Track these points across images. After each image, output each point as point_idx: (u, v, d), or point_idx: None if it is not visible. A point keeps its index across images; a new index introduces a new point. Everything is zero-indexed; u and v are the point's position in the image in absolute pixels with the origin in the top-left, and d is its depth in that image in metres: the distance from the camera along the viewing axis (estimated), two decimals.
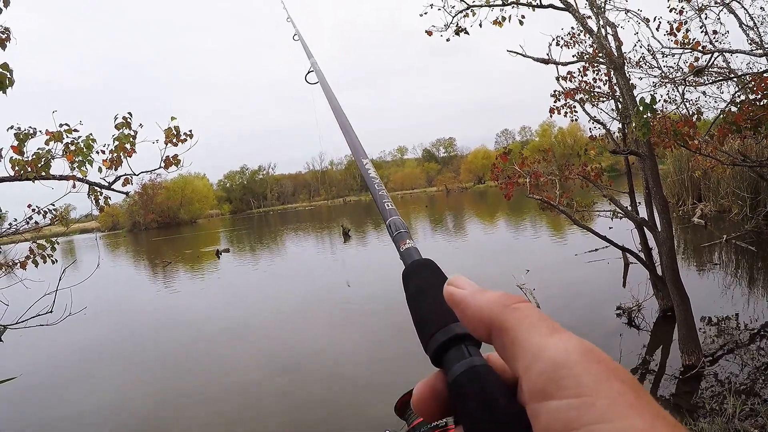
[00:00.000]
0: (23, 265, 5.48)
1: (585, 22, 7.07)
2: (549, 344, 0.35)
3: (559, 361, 0.33)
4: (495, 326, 0.39)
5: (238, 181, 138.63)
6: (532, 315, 0.38)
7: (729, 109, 7.05)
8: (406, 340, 8.51)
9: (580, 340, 0.35)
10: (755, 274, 11.26)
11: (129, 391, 8.67)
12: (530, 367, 0.35)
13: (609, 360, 0.33)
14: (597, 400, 0.31)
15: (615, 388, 0.32)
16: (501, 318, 0.38)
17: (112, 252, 43.88)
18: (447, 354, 0.41)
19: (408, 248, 0.55)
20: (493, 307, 0.39)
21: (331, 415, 6.80)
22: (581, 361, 0.33)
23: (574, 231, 17.19)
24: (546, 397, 0.33)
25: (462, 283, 0.43)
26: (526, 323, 0.37)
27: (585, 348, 0.34)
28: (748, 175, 16.07)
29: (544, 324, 0.37)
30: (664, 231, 6.70)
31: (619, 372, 0.33)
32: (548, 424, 0.32)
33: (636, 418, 0.30)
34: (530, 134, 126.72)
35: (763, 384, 6.05)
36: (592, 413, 0.31)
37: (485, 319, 0.39)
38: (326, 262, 22.01)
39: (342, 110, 0.93)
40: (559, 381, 0.32)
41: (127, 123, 5.35)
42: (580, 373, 0.32)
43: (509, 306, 0.39)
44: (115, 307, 16.57)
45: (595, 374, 0.32)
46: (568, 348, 0.34)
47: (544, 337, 0.35)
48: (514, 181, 8.55)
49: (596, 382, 0.32)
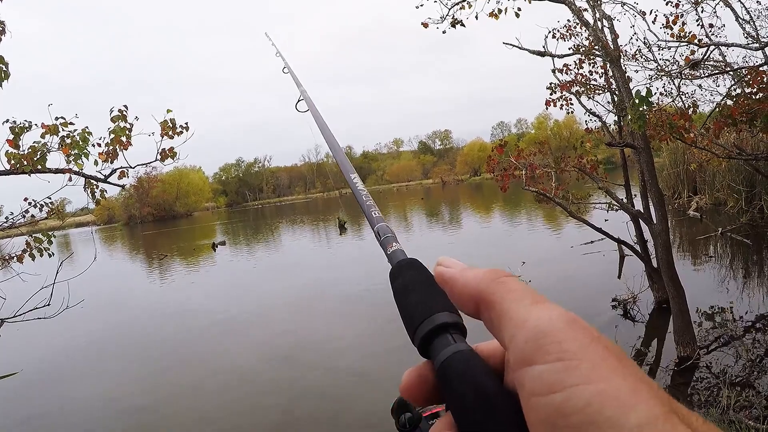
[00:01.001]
0: (20, 258, 5.47)
1: (581, 15, 7.05)
2: (533, 313, 0.35)
3: (543, 328, 0.34)
4: (482, 300, 0.40)
5: (233, 174, 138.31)
6: (517, 288, 0.39)
7: (725, 103, 7.07)
8: (402, 333, 8.52)
9: (563, 310, 0.35)
10: (750, 267, 11.32)
11: (126, 383, 8.68)
12: (515, 336, 0.35)
13: (592, 329, 0.34)
14: (580, 363, 0.31)
15: (598, 352, 0.32)
16: (487, 292, 0.39)
17: (109, 245, 43.81)
18: (433, 343, 0.42)
19: (394, 250, 0.57)
20: (480, 282, 0.40)
21: (327, 407, 6.82)
22: (564, 328, 0.34)
23: (570, 223, 17.23)
24: (529, 363, 0.33)
25: (450, 263, 0.45)
26: (511, 296, 0.38)
27: (569, 317, 0.35)
28: (743, 168, 16.11)
29: (529, 295, 0.38)
30: (659, 223, 6.72)
31: (603, 339, 0.33)
32: (532, 388, 0.32)
33: (618, 380, 0.30)
34: (526, 127, 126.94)
35: (757, 376, 6.10)
36: (575, 375, 0.31)
37: (473, 294, 0.40)
38: (322, 254, 22.01)
39: (330, 132, 1.01)
40: (543, 347, 0.33)
41: (122, 116, 5.33)
42: (563, 339, 0.33)
43: (495, 280, 0.40)
44: (112, 301, 16.55)
45: (579, 340, 0.33)
46: (551, 316, 0.35)
47: (528, 307, 0.36)
48: (510, 173, 8.55)
49: (579, 347, 0.32)
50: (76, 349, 11.14)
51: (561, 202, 8.30)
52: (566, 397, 0.30)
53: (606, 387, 0.30)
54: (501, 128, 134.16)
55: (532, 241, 18.14)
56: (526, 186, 8.27)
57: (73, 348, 11.26)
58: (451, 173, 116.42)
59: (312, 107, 1.17)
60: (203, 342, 10.63)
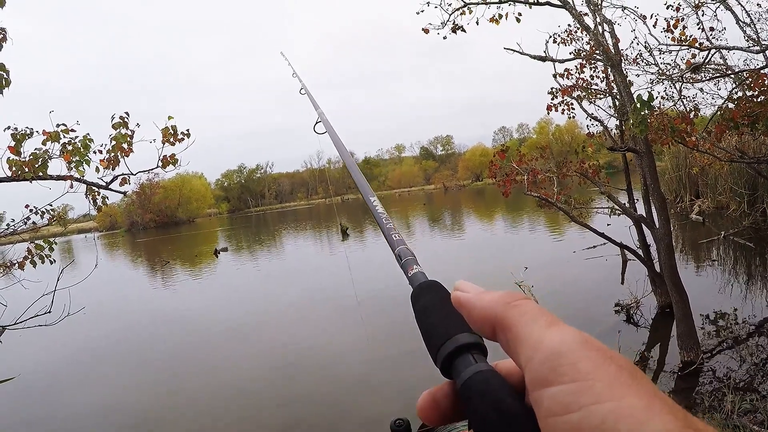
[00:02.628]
0: (21, 265, 5.47)
1: (582, 20, 7.06)
2: (547, 336, 0.37)
3: (558, 349, 0.35)
4: (498, 324, 0.41)
5: (235, 180, 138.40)
6: (532, 310, 0.40)
7: (726, 106, 7.06)
8: (404, 339, 8.52)
9: (577, 331, 0.36)
10: (753, 271, 11.29)
11: (127, 390, 8.66)
12: (531, 358, 0.36)
13: (605, 348, 0.35)
14: (594, 383, 0.32)
15: (611, 371, 0.33)
16: (503, 316, 0.40)
17: (110, 252, 43.85)
18: (454, 363, 0.44)
19: (415, 273, 0.59)
20: (495, 306, 0.42)
21: (327, 414, 6.80)
22: (578, 349, 0.35)
23: (572, 228, 17.23)
24: (546, 384, 0.34)
25: (466, 287, 0.46)
26: (525, 318, 0.39)
27: (582, 338, 0.36)
28: (745, 172, 16.08)
29: (543, 318, 0.39)
30: (662, 227, 6.70)
31: (616, 358, 0.34)
32: (549, 409, 0.33)
33: (632, 397, 0.31)
34: (528, 131, 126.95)
35: (761, 380, 6.07)
36: (590, 395, 0.32)
37: (489, 318, 0.42)
38: (325, 260, 21.99)
39: (348, 153, 1.01)
40: (558, 368, 0.34)
41: (124, 123, 5.34)
42: (577, 360, 0.34)
43: (510, 304, 0.41)
44: (114, 307, 16.55)
45: (592, 360, 0.34)
46: (565, 338, 0.36)
47: (543, 329, 0.37)
48: (511, 178, 8.55)
49: (593, 367, 0.33)
50: (77, 356, 11.13)
51: (563, 207, 8.28)
52: (582, 417, 0.31)
53: (620, 405, 0.31)
54: (503, 133, 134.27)
55: (534, 246, 18.12)
56: (528, 191, 8.26)
57: (74, 355, 11.25)
58: (452, 179, 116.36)
59: (330, 129, 1.18)
60: (204, 349, 10.61)
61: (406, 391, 6.86)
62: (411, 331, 0.47)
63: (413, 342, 9.20)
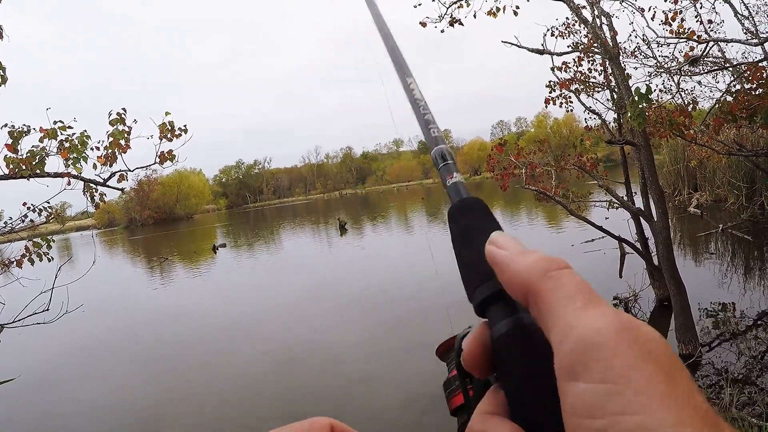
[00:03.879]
0: (19, 263, 5.47)
1: (580, 12, 7.04)
2: (581, 320, 0.33)
3: (590, 340, 0.31)
4: (531, 293, 0.36)
5: (233, 176, 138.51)
6: (569, 284, 0.35)
7: (724, 99, 7.05)
8: (404, 334, 8.53)
9: (616, 316, 0.32)
10: (751, 264, 11.30)
11: (127, 386, 8.67)
12: (561, 342, 0.33)
13: (646, 339, 0.31)
14: (625, 388, 0.29)
15: (645, 374, 0.30)
16: (537, 286, 0.36)
17: (109, 249, 43.80)
18: (491, 308, 0.39)
19: (455, 182, 0.51)
20: (531, 272, 0.37)
21: (328, 409, 6.80)
22: (612, 343, 0.31)
23: (571, 222, 17.22)
24: (573, 378, 0.31)
25: (504, 243, 0.41)
26: (560, 294, 0.35)
27: (620, 326, 0.32)
28: (743, 165, 16.09)
29: (580, 296, 0.34)
30: (660, 221, 6.71)
31: (655, 353, 0.31)
32: (573, 408, 0.31)
33: (662, 411, 0.28)
34: (526, 125, 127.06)
35: (759, 373, 6.09)
36: (618, 403, 0.29)
37: (523, 283, 0.37)
38: (323, 256, 22.01)
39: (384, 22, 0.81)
40: (588, 363, 0.31)
41: (121, 119, 5.33)
42: (609, 356, 0.31)
43: (547, 273, 0.36)
44: (112, 304, 16.55)
45: (627, 357, 0.30)
46: (600, 326, 0.32)
47: (577, 311, 0.33)
48: (509, 172, 8.54)
49: (627, 367, 0.30)
50: (76, 354, 11.12)
51: (561, 200, 8.28)
52: (608, 426, 0.29)
53: (647, 420, 0.28)
54: (500, 127, 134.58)
55: (532, 240, 18.10)
56: (526, 185, 8.26)
57: (73, 352, 11.24)
58: None
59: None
60: (203, 345, 10.61)
61: (406, 386, 6.87)
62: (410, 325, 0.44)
63: (413, 336, 9.24)
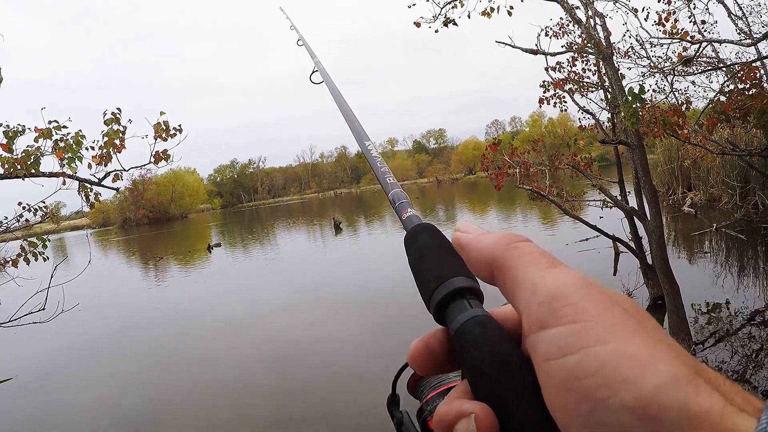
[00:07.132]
0: (14, 263, 5.46)
1: (573, 13, 7.08)
2: (548, 277, 0.34)
3: (558, 291, 0.33)
4: (496, 266, 0.38)
5: (228, 176, 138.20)
6: (532, 252, 0.37)
7: (718, 99, 7.09)
8: (399, 333, 8.54)
9: (579, 274, 0.34)
10: (745, 262, 11.35)
11: (123, 385, 8.65)
12: (529, 301, 0.34)
13: (612, 291, 0.33)
14: (596, 324, 0.30)
15: (615, 314, 0.31)
16: (502, 257, 0.38)
17: (104, 248, 43.66)
18: (448, 309, 0.41)
19: (410, 216, 0.56)
20: (495, 246, 0.39)
21: (323, 408, 6.82)
22: (580, 291, 0.32)
23: (565, 221, 17.27)
24: (543, 327, 0.32)
25: (468, 228, 0.44)
26: (525, 260, 0.37)
27: (585, 281, 0.33)
28: (737, 164, 16.15)
29: (544, 259, 0.36)
30: (653, 220, 6.74)
31: (623, 302, 0.32)
32: (546, 352, 0.31)
33: (636, 340, 0.29)
34: (520, 125, 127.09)
35: (753, 371, 6.12)
36: (590, 336, 0.30)
37: (488, 259, 0.39)
38: (318, 255, 21.99)
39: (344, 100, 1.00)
40: (557, 310, 0.32)
41: (116, 119, 5.33)
42: (578, 300, 0.32)
43: (509, 244, 0.38)
44: (108, 303, 16.49)
45: (595, 301, 0.32)
46: (566, 280, 0.33)
47: (542, 271, 0.35)
48: (504, 171, 8.56)
49: (596, 309, 0.31)
50: (72, 353, 11.09)
51: (555, 199, 8.30)
52: (580, 359, 0.29)
53: (622, 347, 0.29)
54: (495, 127, 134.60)
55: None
56: (520, 184, 8.27)
57: (69, 352, 11.21)
58: (445, 172, 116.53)
59: (326, 77, 1.18)
60: (199, 344, 10.60)
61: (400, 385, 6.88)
62: (405, 324, 0.46)
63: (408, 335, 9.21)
